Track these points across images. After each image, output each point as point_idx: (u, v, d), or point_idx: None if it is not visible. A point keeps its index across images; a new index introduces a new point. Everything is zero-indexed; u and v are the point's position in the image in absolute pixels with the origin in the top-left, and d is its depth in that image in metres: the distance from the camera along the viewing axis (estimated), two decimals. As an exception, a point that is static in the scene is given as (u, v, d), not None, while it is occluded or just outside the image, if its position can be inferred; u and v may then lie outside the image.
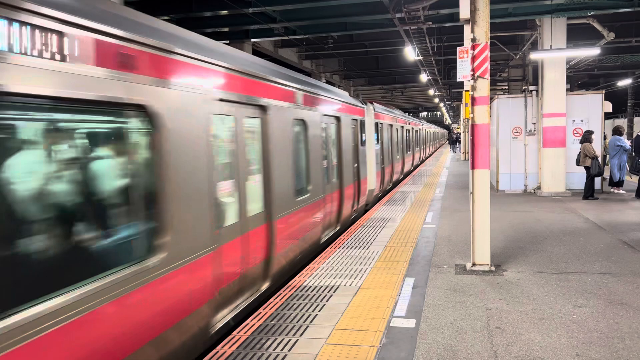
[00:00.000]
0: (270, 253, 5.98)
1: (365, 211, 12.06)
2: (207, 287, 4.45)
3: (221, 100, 4.84)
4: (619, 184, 12.81)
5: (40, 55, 2.76)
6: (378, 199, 14.28)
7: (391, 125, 16.54)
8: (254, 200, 5.63)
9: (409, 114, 33.84)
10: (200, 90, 4.43)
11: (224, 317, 4.88)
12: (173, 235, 3.92)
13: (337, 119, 9.61)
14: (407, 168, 21.61)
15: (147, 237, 3.76)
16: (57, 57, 2.87)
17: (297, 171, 7.09)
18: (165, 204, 3.86)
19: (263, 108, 5.90)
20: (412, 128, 24.28)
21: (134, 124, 3.71)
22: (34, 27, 2.73)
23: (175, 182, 4.00)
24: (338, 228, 9.47)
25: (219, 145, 4.91)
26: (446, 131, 78.39)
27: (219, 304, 4.76)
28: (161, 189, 3.85)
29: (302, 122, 7.43)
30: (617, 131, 12.98)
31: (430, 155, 39.78)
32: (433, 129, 48.18)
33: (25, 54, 2.68)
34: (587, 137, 11.86)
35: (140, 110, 3.67)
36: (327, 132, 8.99)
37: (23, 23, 2.67)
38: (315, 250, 7.94)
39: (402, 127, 19.79)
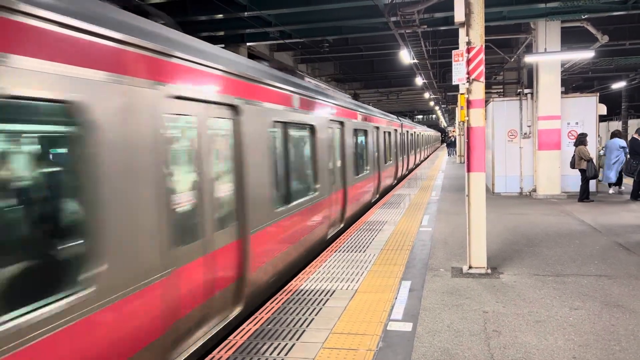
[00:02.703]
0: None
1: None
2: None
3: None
4: (610, 185, 12.88)
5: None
6: (420, 161, 28.89)
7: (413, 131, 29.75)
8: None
9: (406, 118, 35.41)
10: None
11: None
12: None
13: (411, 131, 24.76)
14: (418, 158, 32.48)
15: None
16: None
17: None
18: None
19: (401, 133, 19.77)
20: (415, 132, 33.35)
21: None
22: None
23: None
24: (420, 161, 24.84)
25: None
26: (439, 134, 79.08)
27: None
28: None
29: (413, 135, 26.89)
30: (619, 134, 13.01)
31: (427, 157, 40.21)
32: (429, 131, 50.24)
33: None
34: (581, 139, 11.89)
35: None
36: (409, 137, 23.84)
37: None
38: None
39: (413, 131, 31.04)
